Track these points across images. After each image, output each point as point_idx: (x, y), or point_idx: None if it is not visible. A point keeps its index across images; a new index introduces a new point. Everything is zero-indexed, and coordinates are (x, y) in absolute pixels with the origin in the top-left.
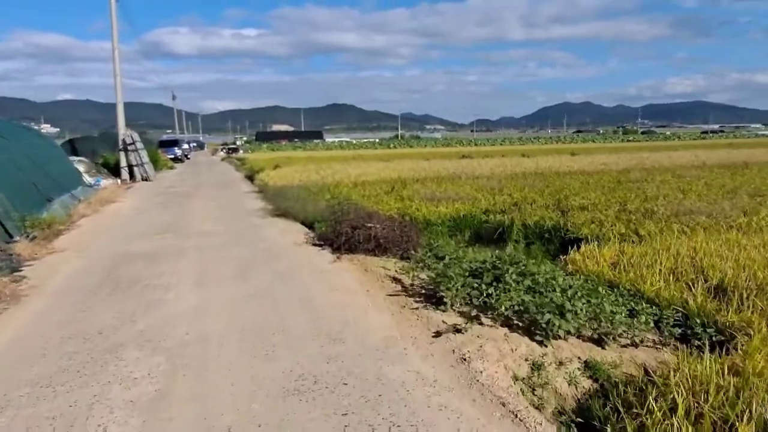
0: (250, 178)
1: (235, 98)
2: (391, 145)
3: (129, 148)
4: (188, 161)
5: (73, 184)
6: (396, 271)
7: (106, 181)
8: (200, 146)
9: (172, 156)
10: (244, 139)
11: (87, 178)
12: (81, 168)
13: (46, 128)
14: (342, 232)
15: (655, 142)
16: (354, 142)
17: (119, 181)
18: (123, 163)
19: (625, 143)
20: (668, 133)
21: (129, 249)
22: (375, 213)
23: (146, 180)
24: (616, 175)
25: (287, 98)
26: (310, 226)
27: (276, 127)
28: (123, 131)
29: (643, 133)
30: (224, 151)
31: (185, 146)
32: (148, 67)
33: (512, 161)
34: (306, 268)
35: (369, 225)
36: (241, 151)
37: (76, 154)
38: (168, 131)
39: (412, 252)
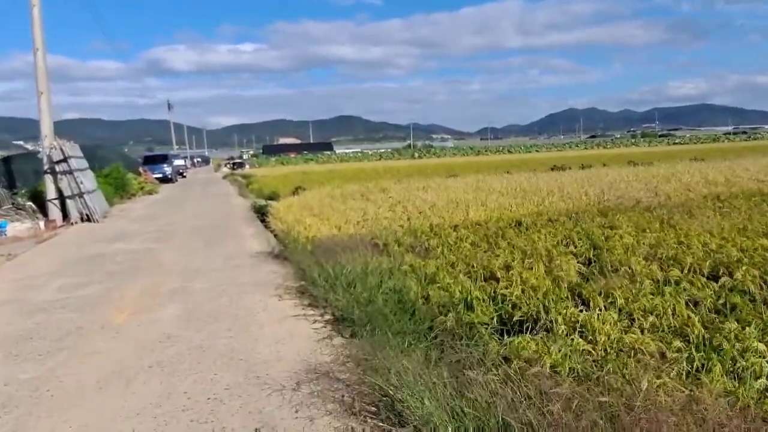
0: (260, 211)
1: (239, 113)
2: (416, 155)
3: (58, 168)
4: (183, 180)
5: None
6: None
7: (20, 226)
8: (205, 161)
9: (160, 175)
10: (251, 152)
11: None
12: None
13: None
14: None
15: (724, 144)
16: (369, 152)
17: (42, 223)
18: (50, 193)
19: (699, 145)
20: (687, 135)
21: None
22: None
23: (89, 220)
24: None
25: (292, 111)
26: None
27: (283, 140)
28: (49, 142)
29: (661, 136)
30: (228, 166)
31: (179, 162)
32: (150, 84)
33: (633, 172)
34: None
35: None
36: (247, 166)
37: (11, 178)
38: (176, 147)
39: None
